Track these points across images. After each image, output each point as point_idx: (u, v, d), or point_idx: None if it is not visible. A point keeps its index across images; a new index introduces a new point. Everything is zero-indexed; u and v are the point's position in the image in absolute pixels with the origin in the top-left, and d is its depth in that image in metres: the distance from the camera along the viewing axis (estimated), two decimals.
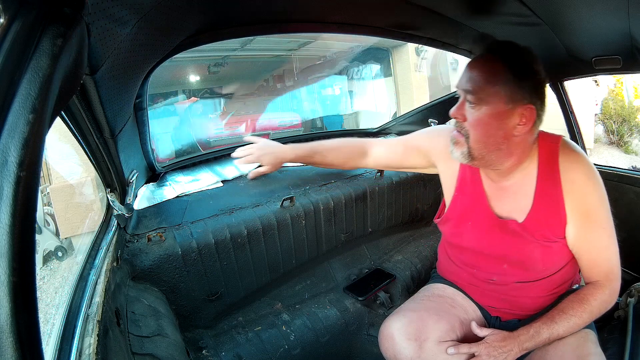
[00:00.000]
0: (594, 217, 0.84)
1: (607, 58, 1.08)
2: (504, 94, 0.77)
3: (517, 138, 0.80)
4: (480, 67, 0.80)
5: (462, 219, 0.97)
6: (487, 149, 0.81)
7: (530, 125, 0.79)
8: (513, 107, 0.77)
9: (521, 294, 0.93)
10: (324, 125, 6.08)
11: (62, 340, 0.56)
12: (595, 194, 0.84)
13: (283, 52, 6.24)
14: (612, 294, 0.85)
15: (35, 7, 0.34)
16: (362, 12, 0.97)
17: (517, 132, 0.79)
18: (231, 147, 1.57)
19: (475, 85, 0.79)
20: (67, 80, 0.39)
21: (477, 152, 0.82)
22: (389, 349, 0.92)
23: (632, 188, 1.32)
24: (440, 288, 1.06)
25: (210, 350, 1.00)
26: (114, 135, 0.75)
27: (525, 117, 0.78)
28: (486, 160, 0.83)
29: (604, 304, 0.84)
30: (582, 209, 0.84)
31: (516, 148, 0.82)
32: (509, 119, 0.78)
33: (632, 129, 6.54)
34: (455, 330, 0.95)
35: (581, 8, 0.83)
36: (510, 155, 0.83)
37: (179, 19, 0.69)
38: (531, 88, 0.78)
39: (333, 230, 1.32)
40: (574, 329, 0.82)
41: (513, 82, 0.76)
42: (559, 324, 0.81)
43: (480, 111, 0.79)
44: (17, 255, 0.29)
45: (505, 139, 0.80)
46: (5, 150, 0.30)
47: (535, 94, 0.78)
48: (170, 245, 0.99)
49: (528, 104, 0.77)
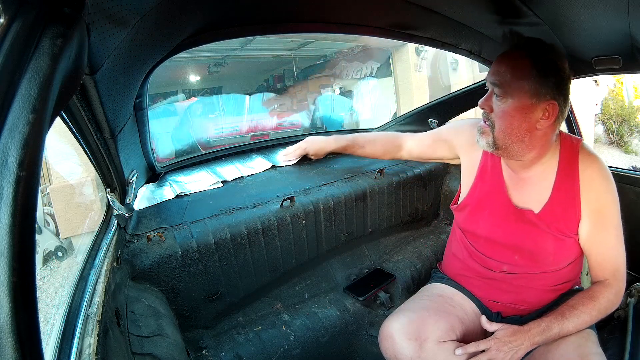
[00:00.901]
0: (607, 216, 0.87)
1: (607, 58, 1.08)
2: (528, 89, 0.80)
3: (539, 132, 0.84)
4: (507, 62, 0.83)
5: (480, 205, 1.00)
6: (510, 139, 0.85)
7: (553, 120, 0.83)
8: (537, 102, 0.81)
9: (527, 284, 0.94)
10: (323, 125, 6.08)
11: (62, 340, 0.56)
12: (609, 195, 0.88)
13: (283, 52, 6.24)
14: (618, 294, 0.86)
15: (35, 7, 0.34)
16: (362, 12, 0.97)
17: (540, 125, 0.83)
18: (231, 147, 1.58)
19: (501, 79, 0.83)
20: (67, 80, 0.39)
21: (502, 142, 0.86)
22: (388, 349, 0.92)
23: (632, 188, 1.31)
24: (440, 288, 1.07)
25: (210, 350, 1.00)
26: (114, 135, 0.75)
27: (548, 112, 0.81)
28: (509, 151, 0.87)
29: (610, 304, 0.85)
30: (596, 207, 0.87)
31: (538, 141, 0.86)
32: (533, 113, 0.82)
33: (632, 129, 6.55)
34: (455, 329, 0.95)
35: (581, 8, 0.83)
36: (533, 147, 0.86)
37: (179, 19, 0.68)
38: (555, 84, 0.81)
39: (333, 230, 1.32)
40: (582, 326, 0.83)
41: (537, 78, 0.80)
42: (569, 319, 0.82)
43: (505, 104, 0.83)
44: (17, 255, 0.29)
45: (528, 131, 0.83)
46: (5, 150, 0.30)
47: (558, 91, 0.81)
48: (170, 245, 0.99)
49: (551, 100, 0.81)
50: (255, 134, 5.26)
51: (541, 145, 0.87)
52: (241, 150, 1.58)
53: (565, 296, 0.94)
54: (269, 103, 5.62)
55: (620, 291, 0.86)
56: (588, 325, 0.85)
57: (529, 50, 0.82)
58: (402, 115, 1.88)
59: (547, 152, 0.89)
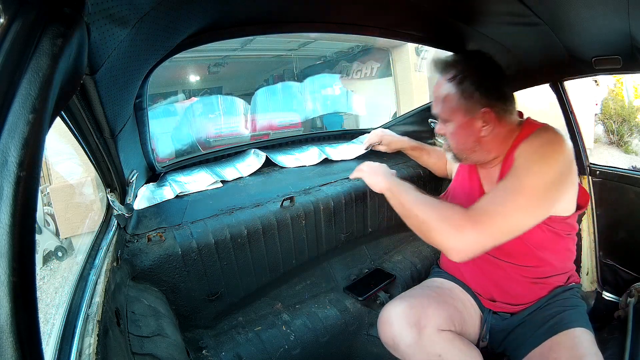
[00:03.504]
0: (512, 174, 0.80)
1: (607, 58, 1.07)
2: (459, 110, 0.89)
3: (487, 137, 0.90)
4: (436, 93, 0.93)
5: (457, 196, 1.08)
6: (465, 152, 0.95)
7: (494, 124, 0.88)
8: (471, 117, 0.88)
9: (509, 275, 0.95)
10: (323, 125, 6.08)
11: (62, 340, 0.56)
12: (528, 160, 0.80)
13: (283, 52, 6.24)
14: (464, 228, 0.74)
15: (35, 7, 0.34)
16: (362, 12, 0.97)
17: (485, 133, 0.89)
18: (231, 148, 1.58)
19: (437, 109, 0.94)
20: (67, 80, 0.39)
21: (459, 155, 0.97)
22: (387, 334, 0.92)
23: (632, 188, 1.31)
24: (439, 281, 1.10)
25: (210, 350, 1.00)
26: (114, 135, 0.75)
27: (485, 120, 0.88)
28: (470, 160, 0.97)
29: (451, 220, 0.75)
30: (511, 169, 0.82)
31: (491, 145, 0.92)
32: (472, 127, 0.89)
33: (632, 129, 6.55)
34: (454, 320, 0.97)
35: (581, 8, 0.83)
36: (489, 151, 0.93)
37: (179, 19, 0.68)
38: (482, 95, 0.86)
39: (333, 230, 1.32)
40: (419, 207, 0.82)
41: (462, 99, 0.87)
42: (413, 194, 0.88)
43: (449, 127, 0.93)
44: (17, 255, 0.28)
45: (476, 142, 0.91)
46: (5, 150, 0.30)
47: (488, 98, 0.87)
48: (170, 245, 0.99)
49: (484, 109, 0.87)
50: (255, 134, 5.27)
51: (496, 146, 0.92)
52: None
53: (561, 293, 0.94)
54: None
55: (468, 238, 0.74)
56: (422, 212, 0.80)
57: (448, 76, 0.89)
58: (402, 115, 1.88)
59: (507, 147, 0.92)
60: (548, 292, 0.95)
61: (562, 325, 0.87)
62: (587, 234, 1.46)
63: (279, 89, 5.86)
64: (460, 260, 0.75)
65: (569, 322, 0.88)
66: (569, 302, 0.93)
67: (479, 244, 0.74)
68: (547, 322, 0.90)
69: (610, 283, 1.42)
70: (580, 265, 1.48)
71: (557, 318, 0.89)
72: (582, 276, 1.49)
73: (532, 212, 0.76)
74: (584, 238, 1.46)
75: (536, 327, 0.91)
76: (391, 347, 0.94)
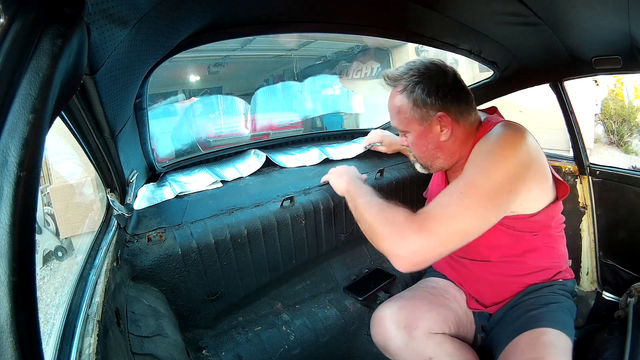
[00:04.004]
0: (460, 176, 0.77)
1: (607, 58, 1.07)
2: (413, 119, 0.88)
3: (448, 142, 0.89)
4: (390, 106, 0.93)
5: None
6: (429, 160, 0.94)
7: (451, 127, 0.87)
8: (428, 123, 0.88)
9: (479, 274, 0.95)
10: (323, 125, 6.08)
11: (62, 340, 0.56)
12: (476, 159, 0.79)
13: (283, 52, 6.25)
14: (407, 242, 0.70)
15: (35, 7, 0.34)
16: (362, 12, 0.97)
17: (444, 137, 0.88)
18: (231, 148, 1.58)
19: (394, 121, 0.94)
20: (67, 80, 0.39)
21: (425, 164, 0.96)
22: (378, 335, 0.94)
23: (632, 188, 1.31)
24: (434, 280, 1.10)
25: (210, 350, 1.00)
26: (114, 135, 0.75)
27: (442, 124, 0.87)
28: (437, 167, 0.95)
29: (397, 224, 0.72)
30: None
31: (451, 148, 0.90)
32: (430, 133, 0.88)
33: (632, 129, 6.54)
34: (448, 322, 0.96)
35: (581, 8, 0.83)
36: (452, 155, 0.92)
37: (179, 19, 0.68)
38: (435, 100, 0.85)
39: (333, 230, 1.32)
40: (366, 206, 0.84)
41: (415, 108, 0.87)
42: (366, 197, 0.88)
43: (409, 138, 0.93)
44: (17, 255, 0.28)
45: (437, 148, 0.90)
46: (5, 150, 0.29)
47: (443, 101, 0.85)
48: (170, 245, 0.99)
49: (439, 113, 0.86)
50: (255, 134, 5.27)
51: (458, 149, 0.90)
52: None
53: (536, 290, 0.89)
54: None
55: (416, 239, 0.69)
56: (370, 216, 0.79)
57: (399, 88, 0.89)
58: None
59: (469, 148, 0.88)
60: (522, 289, 0.91)
61: (523, 326, 0.83)
62: (587, 234, 1.46)
63: (279, 89, 5.87)
64: (406, 269, 0.70)
65: (533, 322, 0.83)
66: (541, 301, 0.87)
67: (424, 250, 0.69)
68: (513, 323, 0.86)
69: (610, 283, 1.42)
70: (580, 265, 1.48)
71: (523, 318, 0.85)
72: (582, 276, 1.49)
73: (481, 213, 0.71)
74: (584, 238, 1.46)
75: (505, 328, 0.88)
76: (382, 349, 0.94)
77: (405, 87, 0.88)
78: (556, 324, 0.82)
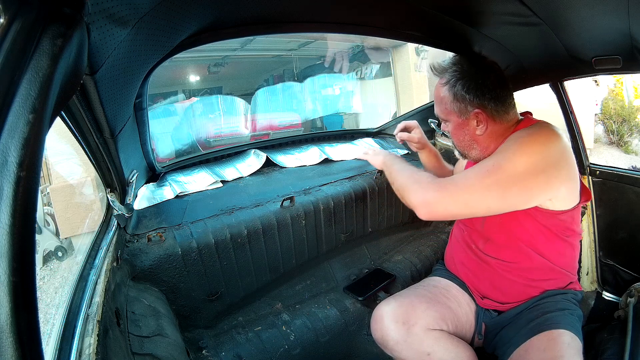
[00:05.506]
0: (489, 157, 0.87)
1: (607, 58, 1.07)
2: (453, 111, 0.94)
3: (482, 136, 0.94)
4: (435, 95, 0.98)
5: None
6: (465, 149, 0.99)
7: (487, 124, 0.92)
8: (465, 118, 0.93)
9: (502, 274, 0.97)
10: (323, 125, 6.07)
11: (62, 340, 0.56)
12: (508, 146, 0.85)
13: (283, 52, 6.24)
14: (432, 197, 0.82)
15: (35, 7, 0.34)
16: (362, 12, 0.97)
17: (480, 132, 0.93)
18: (231, 148, 1.58)
19: (436, 110, 0.99)
20: (67, 80, 0.39)
21: (462, 151, 1.01)
22: (377, 331, 0.96)
23: (632, 188, 1.31)
24: (437, 280, 1.11)
25: (210, 350, 1.00)
26: (114, 135, 0.75)
27: (479, 120, 0.92)
28: (472, 156, 0.99)
29: (423, 185, 0.85)
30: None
31: (486, 141, 0.95)
32: (467, 127, 0.94)
33: (632, 129, 6.54)
34: (446, 320, 0.98)
35: (581, 8, 0.82)
36: (486, 148, 0.95)
37: (179, 19, 0.68)
38: (475, 96, 0.90)
39: (333, 230, 1.32)
40: (401, 174, 0.95)
41: (455, 102, 0.92)
42: (399, 164, 1.01)
43: (449, 126, 0.99)
44: (17, 255, 0.28)
45: (473, 140, 0.96)
46: (5, 150, 0.29)
47: (480, 99, 0.90)
48: (170, 245, 0.99)
49: (476, 110, 0.91)
50: (255, 134, 5.26)
51: (492, 143, 0.94)
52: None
53: (552, 296, 0.93)
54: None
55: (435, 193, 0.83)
56: (403, 177, 0.93)
57: (443, 80, 0.94)
58: (402, 115, 1.88)
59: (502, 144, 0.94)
60: (538, 294, 0.95)
61: (542, 327, 0.87)
62: (587, 234, 1.46)
63: (279, 89, 5.86)
64: (426, 215, 0.82)
65: (551, 323, 0.87)
66: (557, 305, 0.92)
67: (440, 203, 0.81)
68: (529, 323, 0.90)
69: (610, 283, 1.42)
70: (580, 265, 1.48)
71: (541, 319, 0.89)
72: (582, 276, 1.49)
73: (499, 194, 0.80)
74: (584, 238, 1.46)
75: (520, 327, 0.91)
76: (381, 344, 0.96)
77: (448, 81, 0.93)
78: (572, 328, 0.87)
